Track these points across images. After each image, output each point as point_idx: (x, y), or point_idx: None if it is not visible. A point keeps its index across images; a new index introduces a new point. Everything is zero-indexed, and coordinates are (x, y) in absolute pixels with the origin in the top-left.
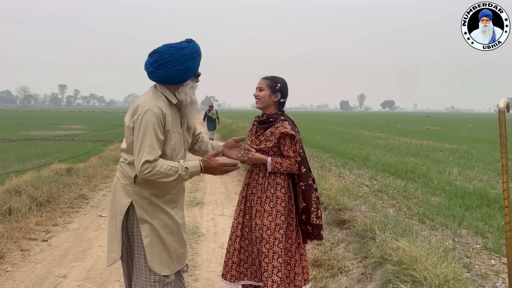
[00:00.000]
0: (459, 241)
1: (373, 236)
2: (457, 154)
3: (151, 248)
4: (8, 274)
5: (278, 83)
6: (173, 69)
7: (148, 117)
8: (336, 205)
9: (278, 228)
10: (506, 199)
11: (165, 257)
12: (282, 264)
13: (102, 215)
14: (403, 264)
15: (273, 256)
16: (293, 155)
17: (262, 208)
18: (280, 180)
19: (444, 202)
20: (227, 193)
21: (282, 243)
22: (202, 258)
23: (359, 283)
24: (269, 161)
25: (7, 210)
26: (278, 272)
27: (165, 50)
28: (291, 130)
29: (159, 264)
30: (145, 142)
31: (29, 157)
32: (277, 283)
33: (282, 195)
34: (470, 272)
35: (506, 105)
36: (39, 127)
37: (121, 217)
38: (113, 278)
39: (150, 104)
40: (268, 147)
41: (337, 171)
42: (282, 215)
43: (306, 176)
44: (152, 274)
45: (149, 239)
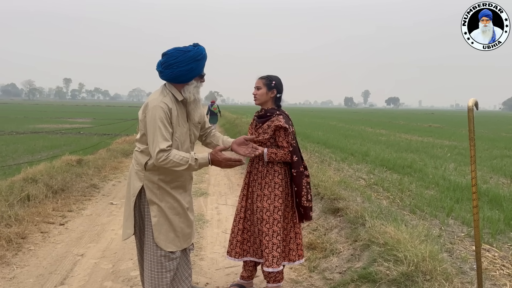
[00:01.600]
0: (445, 229)
1: (363, 223)
2: (455, 150)
3: (159, 227)
4: (31, 252)
5: (273, 81)
6: (178, 69)
7: (156, 111)
8: (331, 195)
9: (276, 210)
10: (474, 185)
11: (171, 235)
12: (280, 241)
13: (113, 203)
14: (388, 245)
15: (272, 235)
16: (286, 145)
17: (262, 193)
18: (278, 167)
19: (436, 195)
20: (230, 185)
21: (280, 223)
22: (207, 241)
23: (349, 263)
24: (265, 152)
25: (25, 197)
26: (277, 248)
27: (172, 52)
28: (284, 123)
29: (165, 241)
30: (157, 134)
31: (37, 150)
32: (276, 257)
33: (279, 181)
34: (451, 256)
35: (474, 104)
36: (45, 120)
37: (133, 198)
38: (126, 257)
39: (158, 100)
40: (265, 138)
41: (336, 165)
42: (280, 198)
43: (297, 164)
44: (159, 249)
45: (157, 219)
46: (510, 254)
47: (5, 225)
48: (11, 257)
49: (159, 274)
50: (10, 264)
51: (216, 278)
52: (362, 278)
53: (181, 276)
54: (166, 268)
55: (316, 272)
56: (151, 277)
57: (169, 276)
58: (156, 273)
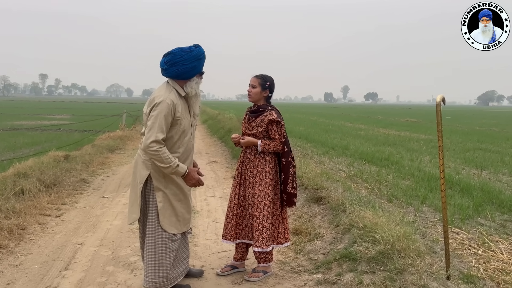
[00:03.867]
0: (419, 215)
1: (344, 209)
2: (431, 144)
3: (163, 211)
4: (32, 242)
5: (268, 82)
6: (183, 67)
7: (162, 106)
8: (314, 185)
9: (266, 196)
10: (442, 172)
11: (174, 219)
12: (270, 224)
13: (105, 196)
14: (367, 228)
15: (263, 218)
16: (278, 137)
17: (254, 180)
18: (268, 157)
19: (412, 185)
20: (216, 178)
21: (270, 208)
22: (199, 229)
23: (331, 245)
24: (259, 143)
25: (20, 191)
26: (267, 231)
27: (177, 52)
28: (277, 117)
29: (169, 225)
30: (156, 125)
31: (18, 146)
32: (266, 239)
33: (270, 170)
34: (424, 238)
35: (442, 100)
36: (23, 117)
37: (140, 185)
38: (124, 244)
39: (164, 96)
40: (259, 131)
41: (318, 159)
42: (270, 185)
43: (287, 154)
44: (163, 232)
45: (162, 204)
46: (476, 236)
47: (4, 217)
48: (14, 246)
49: (164, 255)
50: (14, 253)
51: (210, 261)
52: (343, 257)
53: (180, 257)
54: (170, 248)
55: (302, 254)
56: (155, 258)
57: (172, 256)
58: (160, 253)
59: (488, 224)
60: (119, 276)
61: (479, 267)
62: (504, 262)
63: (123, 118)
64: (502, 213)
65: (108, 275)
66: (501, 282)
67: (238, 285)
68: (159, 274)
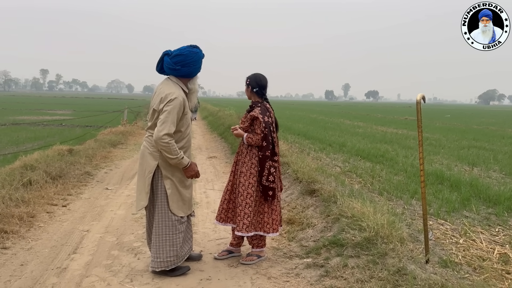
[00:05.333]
0: (408, 208)
1: (335, 201)
2: (427, 141)
3: (172, 197)
4: (41, 228)
5: (248, 79)
6: (193, 67)
7: (176, 102)
8: (308, 179)
9: (250, 186)
10: (422, 164)
11: (181, 204)
12: (252, 212)
13: (108, 188)
14: (354, 217)
15: (245, 206)
16: (259, 132)
17: (241, 170)
18: (255, 150)
19: (404, 180)
20: (216, 173)
21: (252, 197)
22: (199, 219)
23: (322, 233)
24: (244, 136)
25: (28, 182)
26: (248, 217)
27: (188, 54)
28: (258, 114)
29: (177, 208)
30: (169, 119)
31: (21, 141)
32: (246, 225)
33: (256, 162)
34: (410, 228)
35: (422, 98)
36: (24, 112)
37: (150, 175)
38: (128, 231)
39: (177, 93)
40: (246, 126)
41: (315, 155)
42: (254, 176)
43: (265, 149)
44: (173, 215)
45: (170, 191)
46: (460, 228)
47: (15, 205)
48: (24, 232)
49: (174, 235)
50: (25, 238)
51: (208, 247)
52: (332, 243)
53: (185, 237)
54: (179, 230)
55: (294, 241)
56: (166, 239)
57: (181, 236)
58: (171, 235)
59: (472, 216)
60: (123, 259)
61: (458, 254)
62: (482, 250)
63: (125, 114)
64: (487, 207)
65: (113, 258)
66: (477, 268)
67: (234, 268)
68: (171, 253)
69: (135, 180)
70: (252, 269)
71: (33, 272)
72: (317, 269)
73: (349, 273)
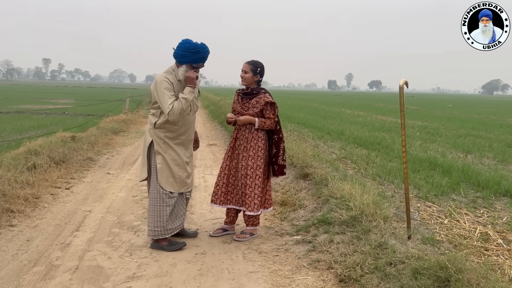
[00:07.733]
0: (398, 192)
1: (326, 184)
2: (425, 130)
3: (161, 172)
4: (46, 209)
5: (258, 67)
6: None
7: (159, 82)
8: (303, 164)
9: (258, 168)
10: (404, 146)
11: (171, 180)
12: (260, 192)
13: (110, 172)
14: (343, 198)
15: (254, 187)
16: (273, 116)
17: (247, 154)
18: (261, 134)
19: (397, 166)
20: (214, 159)
21: (261, 178)
22: (196, 201)
23: (312, 213)
24: (256, 120)
25: (32, 166)
26: (258, 198)
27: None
28: (272, 99)
29: (166, 183)
30: (163, 97)
31: (24, 129)
32: (257, 204)
33: (262, 145)
34: (398, 210)
35: (405, 83)
36: (27, 101)
37: (146, 149)
38: (128, 212)
39: (159, 74)
40: (255, 112)
41: (313, 142)
42: (262, 158)
43: (278, 132)
44: (161, 189)
45: (160, 166)
46: (446, 210)
47: (20, 187)
48: (30, 211)
49: (161, 207)
50: (31, 217)
51: (204, 226)
52: (320, 222)
53: (177, 213)
54: (166, 203)
55: (286, 221)
56: (154, 210)
57: (168, 210)
58: (159, 206)
59: (460, 199)
60: (123, 236)
61: (441, 233)
62: (465, 229)
63: (127, 103)
64: (476, 191)
65: (114, 235)
66: (458, 245)
67: (228, 244)
68: (157, 224)
69: (136, 165)
70: (245, 245)
71: (38, 247)
72: (305, 245)
73: (334, 248)
